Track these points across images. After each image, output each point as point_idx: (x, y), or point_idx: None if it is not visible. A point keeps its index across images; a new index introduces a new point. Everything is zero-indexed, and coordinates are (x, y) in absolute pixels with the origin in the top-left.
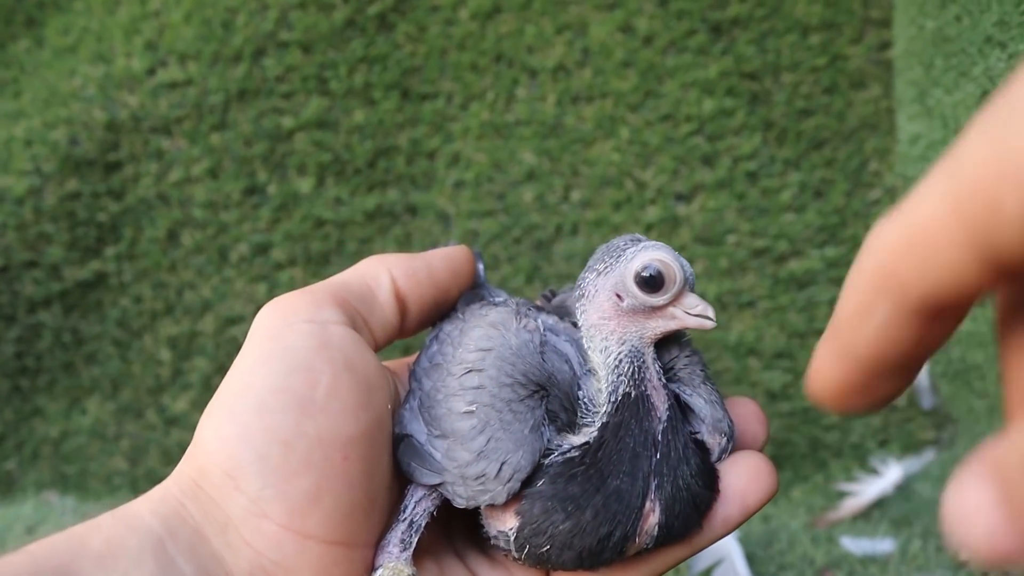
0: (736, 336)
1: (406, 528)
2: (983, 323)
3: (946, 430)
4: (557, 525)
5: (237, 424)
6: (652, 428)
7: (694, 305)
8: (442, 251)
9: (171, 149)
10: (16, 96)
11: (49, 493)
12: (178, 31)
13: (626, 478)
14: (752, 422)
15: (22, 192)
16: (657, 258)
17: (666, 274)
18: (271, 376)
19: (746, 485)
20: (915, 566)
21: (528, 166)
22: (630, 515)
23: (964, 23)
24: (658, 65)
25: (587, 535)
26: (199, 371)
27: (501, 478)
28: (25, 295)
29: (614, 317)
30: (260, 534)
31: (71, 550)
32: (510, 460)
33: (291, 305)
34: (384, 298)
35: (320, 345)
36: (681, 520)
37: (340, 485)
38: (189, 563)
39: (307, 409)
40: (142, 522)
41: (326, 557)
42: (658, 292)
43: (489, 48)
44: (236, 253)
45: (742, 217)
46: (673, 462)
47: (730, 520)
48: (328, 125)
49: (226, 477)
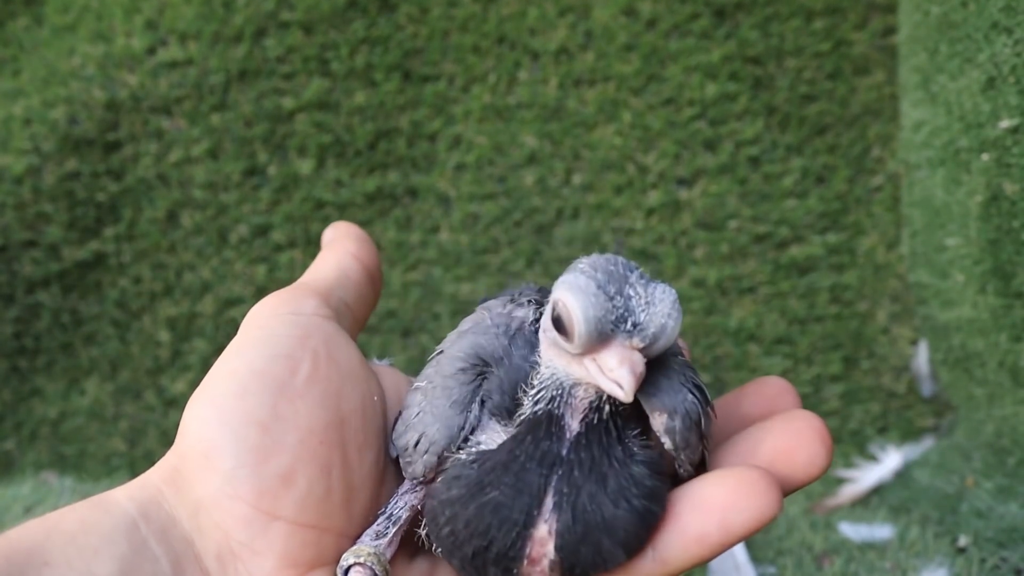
0: (736, 322)
1: (384, 520)
2: (983, 311)
3: (945, 417)
4: (440, 528)
5: (216, 407)
6: (551, 447)
7: (610, 367)
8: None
9: (171, 129)
10: (15, 75)
11: (48, 473)
12: (178, 10)
13: (508, 491)
14: (809, 442)
15: (21, 171)
16: (562, 299)
17: (564, 319)
18: (254, 361)
19: (728, 500)
20: (913, 552)
21: (529, 149)
22: (509, 531)
23: (970, 8)
24: (661, 49)
25: (463, 545)
26: (198, 352)
27: (419, 450)
28: (24, 275)
29: (546, 343)
30: (229, 514)
31: (44, 531)
32: (427, 432)
33: (279, 299)
34: (357, 277)
35: (303, 335)
36: (590, 547)
37: (315, 469)
38: (161, 544)
39: (286, 393)
40: (117, 507)
41: (294, 539)
42: (565, 337)
43: (491, 30)
44: (236, 234)
45: (744, 202)
46: (578, 480)
47: (707, 538)
48: (329, 106)
49: (203, 458)
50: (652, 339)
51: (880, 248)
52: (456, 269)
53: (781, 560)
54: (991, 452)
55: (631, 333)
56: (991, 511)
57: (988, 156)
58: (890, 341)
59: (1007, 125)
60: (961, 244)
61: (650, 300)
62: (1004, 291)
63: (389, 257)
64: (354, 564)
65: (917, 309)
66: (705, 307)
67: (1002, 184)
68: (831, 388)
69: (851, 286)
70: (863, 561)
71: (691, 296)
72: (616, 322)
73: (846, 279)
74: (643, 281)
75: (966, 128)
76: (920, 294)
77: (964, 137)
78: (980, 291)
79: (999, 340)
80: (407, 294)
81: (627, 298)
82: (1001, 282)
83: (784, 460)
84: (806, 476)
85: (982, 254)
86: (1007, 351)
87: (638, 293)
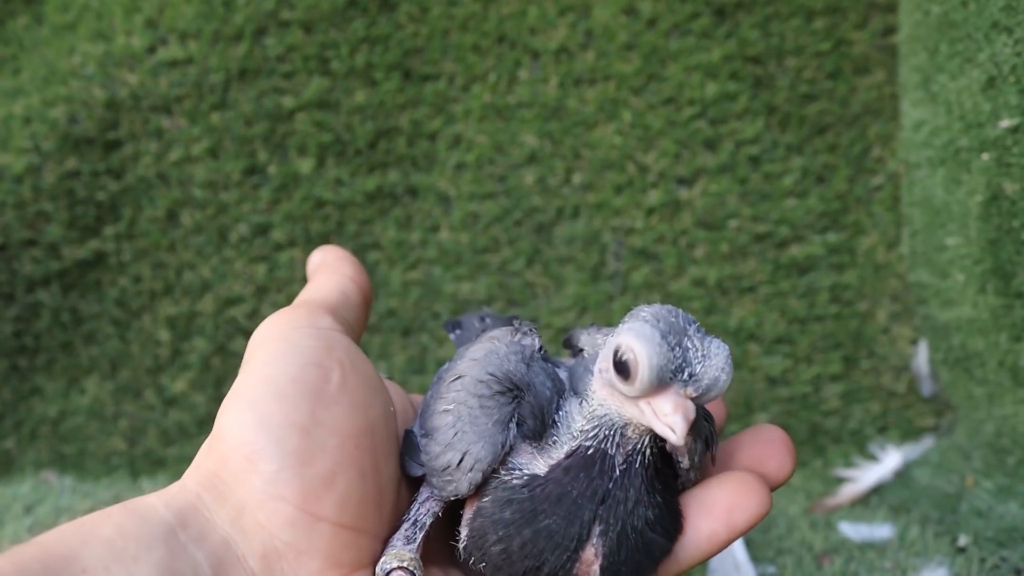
0: (736, 321)
1: (410, 526)
2: (983, 310)
3: (945, 417)
4: (490, 545)
5: (255, 411)
6: (602, 484)
7: (665, 412)
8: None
9: (171, 128)
10: (15, 74)
11: (47, 473)
12: (178, 9)
13: (560, 521)
14: (776, 451)
15: (21, 170)
16: (630, 345)
17: (631, 364)
18: (288, 368)
19: (732, 501)
20: (913, 552)
21: (529, 149)
22: (561, 555)
23: (970, 8)
24: (661, 48)
25: (515, 563)
26: (198, 351)
27: (463, 468)
28: (24, 274)
29: (600, 382)
30: (274, 515)
31: (80, 537)
32: (471, 451)
33: (292, 315)
34: (355, 299)
35: (328, 346)
36: (629, 567)
37: (353, 472)
38: (201, 549)
39: (321, 399)
40: (155, 512)
41: (337, 540)
42: (627, 381)
43: (491, 29)
44: (236, 233)
45: (744, 202)
46: (621, 513)
47: (716, 536)
48: (329, 105)
49: (245, 462)
50: (706, 390)
51: (880, 248)
52: (456, 268)
53: (781, 559)
54: (991, 452)
55: (687, 383)
56: (991, 511)
57: (988, 156)
58: (890, 341)
59: (1007, 125)
60: (961, 244)
61: (706, 354)
62: (1004, 291)
63: (389, 256)
64: (396, 568)
65: (917, 309)
66: (705, 306)
67: (1002, 184)
68: (831, 388)
69: (851, 286)
70: (863, 561)
71: (691, 296)
72: (675, 371)
73: (846, 279)
74: (700, 335)
75: (966, 128)
76: (920, 294)
77: (964, 137)
78: (980, 291)
79: (999, 340)
80: (407, 293)
81: (685, 349)
82: (1001, 282)
83: (757, 468)
84: (776, 482)
85: (982, 254)
86: (1007, 351)
87: (695, 346)
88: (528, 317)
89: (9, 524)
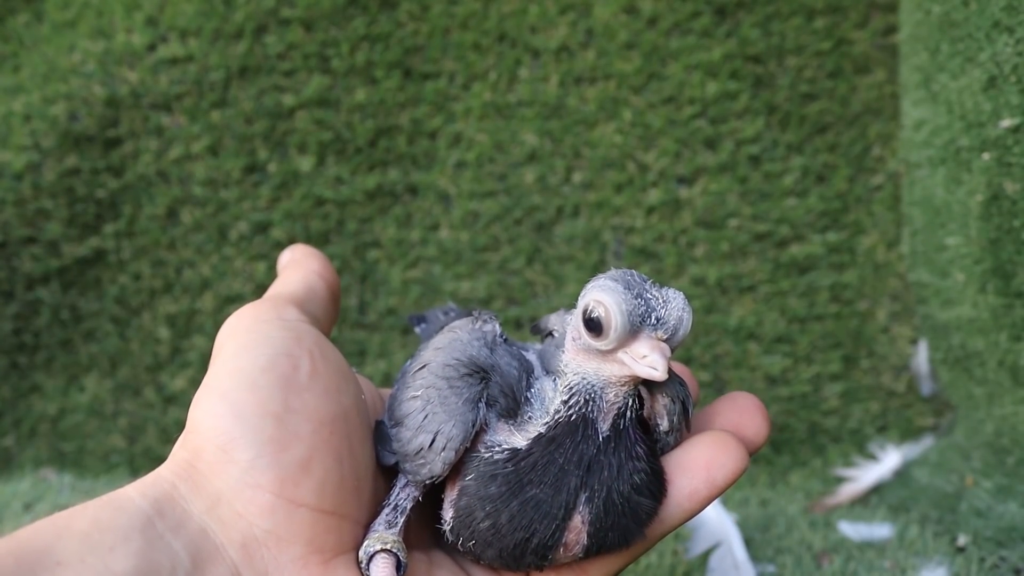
0: (736, 320)
1: (391, 511)
2: (983, 310)
3: (945, 417)
4: (478, 522)
5: (228, 401)
6: (587, 450)
7: (641, 354)
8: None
9: (171, 126)
10: (15, 71)
11: (47, 470)
12: (179, 7)
13: (548, 489)
14: (752, 416)
15: (21, 168)
16: (598, 299)
17: (603, 319)
18: (258, 358)
19: (711, 458)
20: (912, 551)
21: (530, 147)
22: (550, 524)
23: (971, 8)
24: (662, 47)
25: (504, 537)
26: (197, 349)
27: (435, 448)
28: (23, 271)
29: (573, 351)
30: (252, 504)
31: (55, 531)
32: (443, 430)
33: (258, 309)
34: (322, 294)
35: (296, 336)
36: (617, 532)
37: (329, 457)
38: (178, 539)
39: (293, 387)
40: (131, 503)
41: (318, 525)
42: (600, 336)
43: (492, 28)
44: (236, 231)
45: (744, 201)
46: (606, 479)
47: (697, 494)
48: (329, 103)
49: (219, 452)
50: (673, 330)
51: (880, 247)
52: (456, 267)
53: (780, 559)
54: (990, 451)
55: (656, 327)
56: (990, 510)
57: (989, 155)
58: (890, 340)
59: (1008, 124)
60: (961, 243)
61: (666, 299)
62: (1004, 290)
63: (389, 254)
64: (380, 551)
65: (917, 308)
66: (705, 305)
67: (1003, 183)
68: (831, 387)
69: (851, 285)
70: (862, 560)
71: (691, 294)
72: (643, 318)
73: (846, 278)
74: (656, 286)
75: (967, 127)
76: (920, 293)
77: (965, 136)
78: (980, 290)
79: (999, 339)
80: (407, 292)
81: (647, 299)
82: (1001, 281)
83: (735, 432)
84: (753, 445)
85: (982, 253)
86: (1007, 350)
87: (655, 295)
88: (528, 316)
89: (8, 522)
